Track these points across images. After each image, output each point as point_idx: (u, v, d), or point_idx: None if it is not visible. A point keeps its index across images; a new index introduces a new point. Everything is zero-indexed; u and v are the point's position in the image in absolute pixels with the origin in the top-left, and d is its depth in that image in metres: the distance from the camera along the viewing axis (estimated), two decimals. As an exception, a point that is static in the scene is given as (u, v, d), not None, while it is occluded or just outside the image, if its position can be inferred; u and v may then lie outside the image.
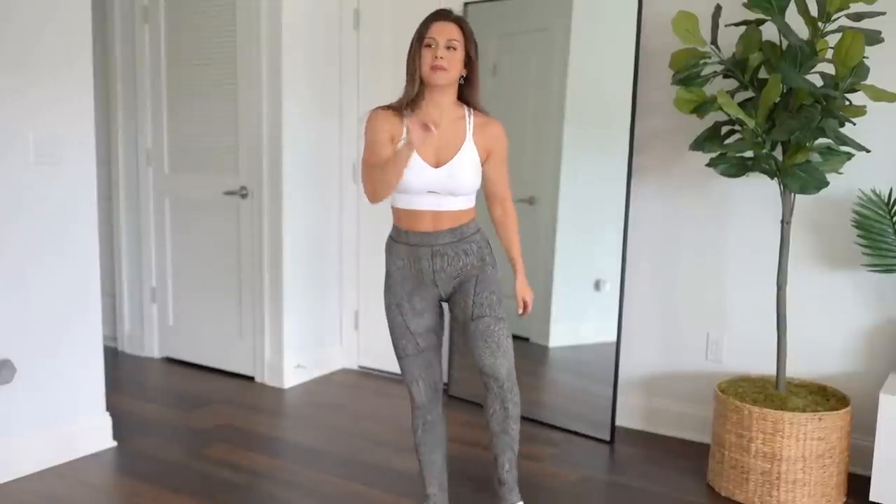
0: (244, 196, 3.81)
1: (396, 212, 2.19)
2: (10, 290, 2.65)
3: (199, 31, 3.90)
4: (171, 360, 4.23)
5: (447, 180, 2.09)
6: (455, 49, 2.05)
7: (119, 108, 4.21)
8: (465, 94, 2.15)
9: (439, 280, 2.18)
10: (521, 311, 2.30)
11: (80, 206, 2.85)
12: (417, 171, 2.06)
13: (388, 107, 2.13)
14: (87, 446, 2.91)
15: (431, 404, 2.27)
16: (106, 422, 3.00)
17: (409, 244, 2.16)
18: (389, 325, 2.25)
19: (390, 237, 2.23)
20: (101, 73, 4.09)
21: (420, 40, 2.07)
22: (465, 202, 2.16)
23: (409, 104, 2.09)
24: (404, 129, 2.08)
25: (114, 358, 4.23)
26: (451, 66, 2.05)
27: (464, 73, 2.11)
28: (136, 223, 4.26)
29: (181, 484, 2.68)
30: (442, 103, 2.11)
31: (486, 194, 2.27)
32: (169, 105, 4.06)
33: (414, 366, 2.23)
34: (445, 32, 2.05)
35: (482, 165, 2.16)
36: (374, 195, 2.10)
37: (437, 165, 2.09)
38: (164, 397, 3.67)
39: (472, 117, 2.15)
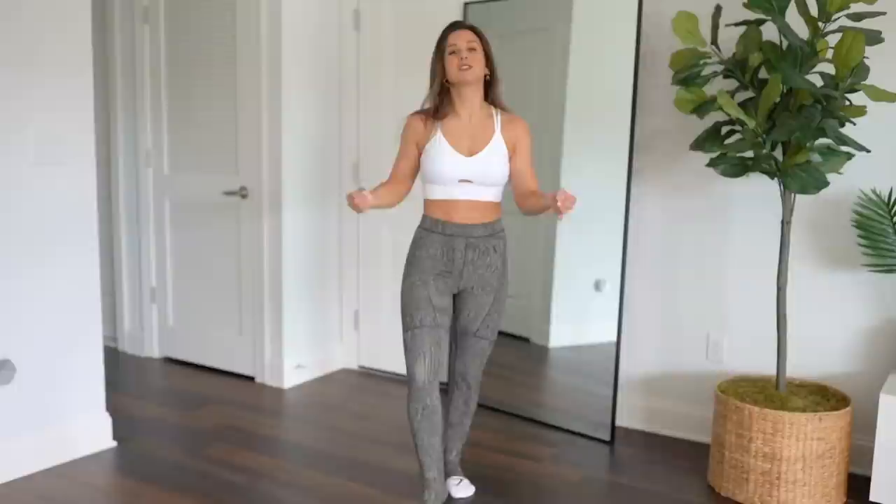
0: (244, 196, 3.81)
1: (431, 203, 2.34)
2: (10, 290, 2.65)
3: (199, 31, 3.90)
4: (171, 360, 4.23)
5: (479, 169, 2.27)
6: (475, 50, 2.27)
7: (119, 108, 4.21)
8: (490, 91, 2.36)
9: (466, 272, 2.32)
10: (558, 202, 2.00)
11: (80, 207, 2.84)
12: (450, 160, 2.26)
13: (420, 111, 2.35)
14: (87, 446, 2.91)
15: (431, 386, 2.28)
16: (106, 422, 3.00)
17: (444, 234, 2.30)
18: (406, 300, 2.30)
19: (423, 229, 2.35)
20: (101, 73, 4.08)
21: (441, 52, 2.28)
22: (495, 194, 2.34)
23: (436, 109, 2.30)
24: (437, 129, 2.29)
25: (114, 358, 4.22)
26: (476, 64, 2.26)
27: (487, 72, 2.31)
28: (136, 223, 4.26)
29: (181, 484, 2.68)
30: (472, 102, 2.32)
31: (517, 190, 2.35)
32: (169, 105, 4.06)
33: (425, 338, 2.26)
34: (463, 37, 2.27)
35: (510, 160, 2.33)
36: None
37: (469, 155, 2.28)
38: (164, 397, 3.67)
39: (499, 116, 2.35)
